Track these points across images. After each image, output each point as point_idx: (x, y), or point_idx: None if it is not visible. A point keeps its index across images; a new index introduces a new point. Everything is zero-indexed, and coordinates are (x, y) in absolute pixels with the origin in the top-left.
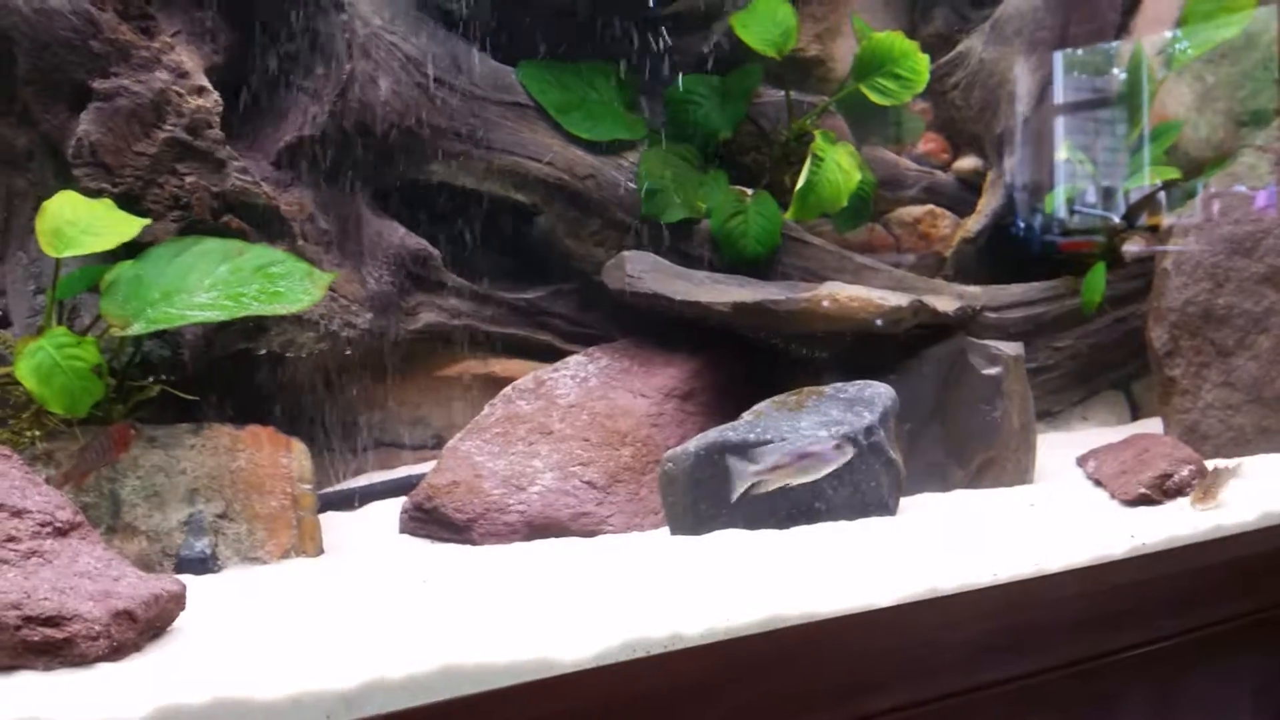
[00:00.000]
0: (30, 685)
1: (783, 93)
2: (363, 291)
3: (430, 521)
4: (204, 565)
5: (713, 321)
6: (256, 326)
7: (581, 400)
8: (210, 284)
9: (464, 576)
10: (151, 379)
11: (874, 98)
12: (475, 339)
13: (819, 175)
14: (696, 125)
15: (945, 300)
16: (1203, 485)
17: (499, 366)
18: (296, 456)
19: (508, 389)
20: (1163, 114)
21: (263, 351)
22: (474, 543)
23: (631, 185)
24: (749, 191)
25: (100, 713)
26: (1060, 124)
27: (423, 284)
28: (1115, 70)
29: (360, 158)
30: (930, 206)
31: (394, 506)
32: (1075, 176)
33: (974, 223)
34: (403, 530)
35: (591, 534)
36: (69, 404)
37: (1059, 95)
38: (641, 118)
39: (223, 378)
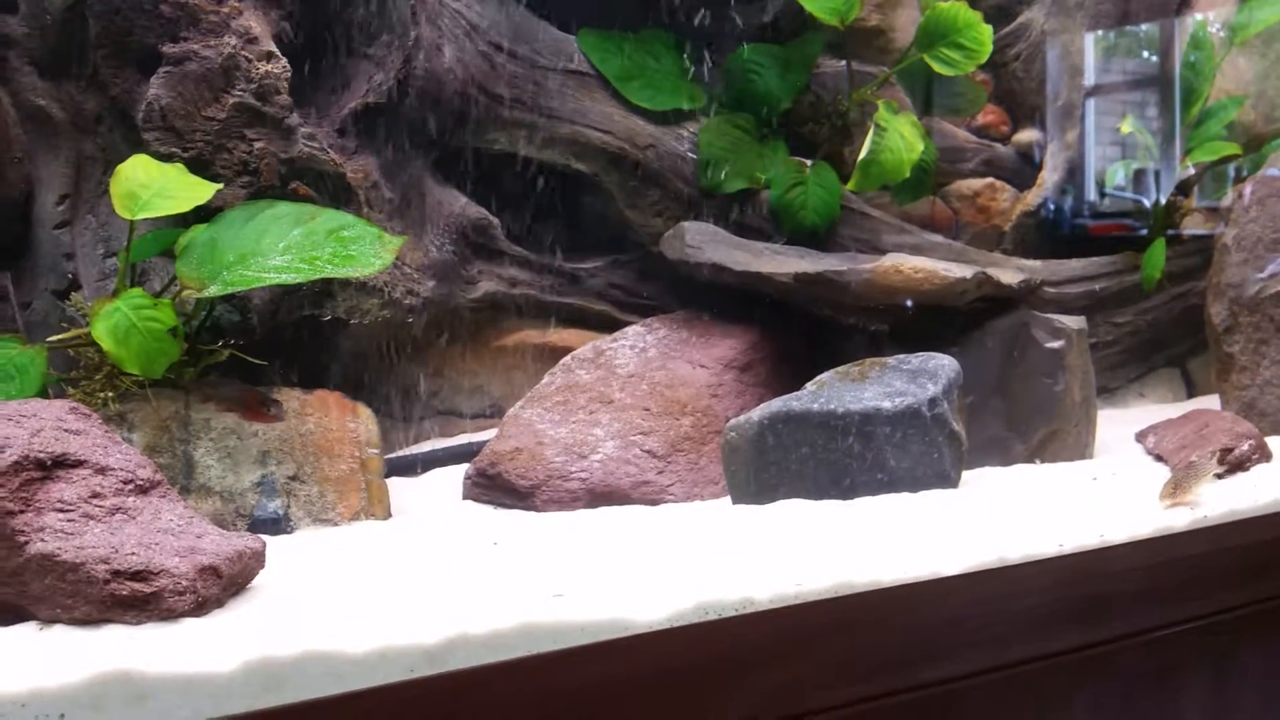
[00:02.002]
0: (120, 638)
1: (841, 62)
2: (424, 260)
3: (493, 487)
4: (277, 526)
5: (772, 293)
6: (323, 292)
7: (641, 370)
8: (284, 247)
9: (532, 540)
10: (220, 343)
11: (937, 68)
12: (533, 308)
13: (881, 146)
14: (756, 95)
15: (1008, 273)
16: (1173, 480)
17: (557, 336)
18: (363, 421)
19: (567, 358)
20: (1223, 90)
21: (327, 318)
22: (537, 509)
23: (691, 155)
24: (808, 162)
25: (191, 665)
26: (1119, 99)
27: (483, 253)
28: (1176, 45)
29: (423, 126)
30: (990, 180)
31: (455, 473)
32: (1135, 151)
33: (1033, 196)
34: (466, 496)
35: (653, 503)
36: (145, 365)
37: (1119, 70)
38: (701, 87)
39: (287, 343)
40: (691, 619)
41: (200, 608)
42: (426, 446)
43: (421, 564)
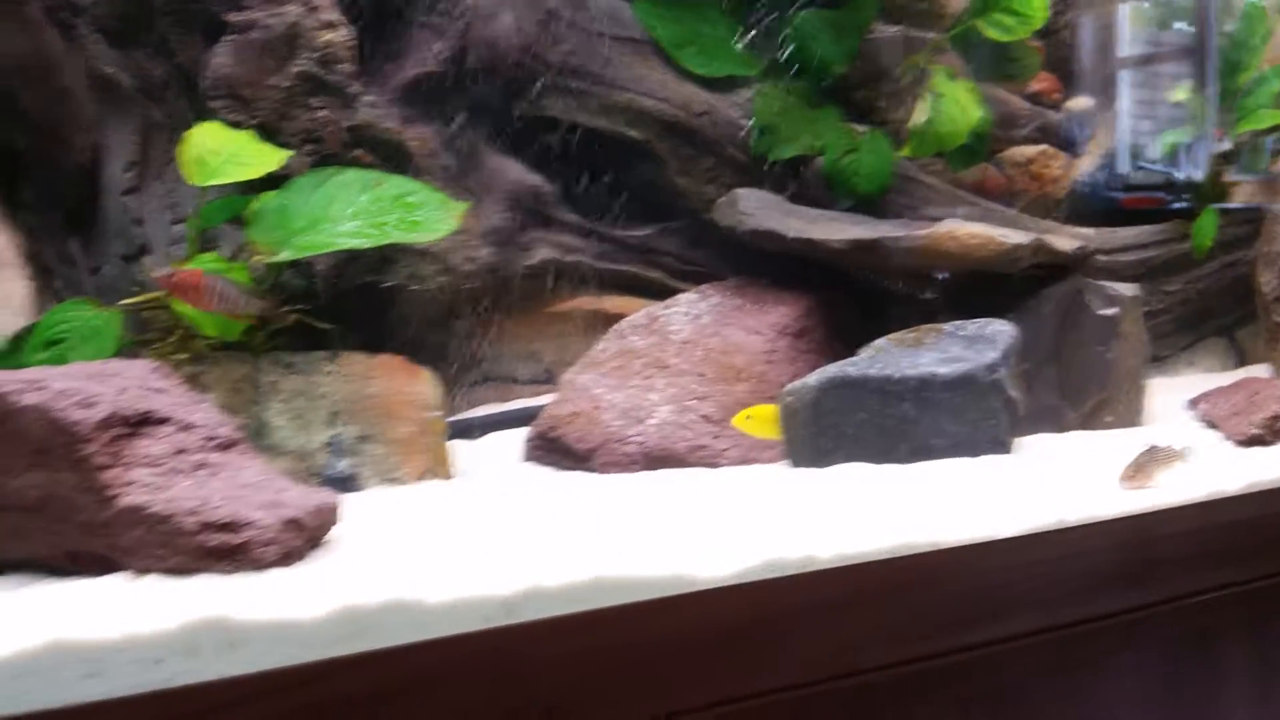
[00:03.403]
0: (211, 587)
1: (894, 28)
2: (480, 227)
3: (552, 450)
4: (347, 484)
5: (825, 259)
6: (384, 259)
7: (695, 336)
8: (353, 213)
9: (596, 500)
10: (287, 308)
11: (992, 33)
12: (587, 275)
13: (938, 112)
14: (810, 61)
15: (1063, 239)
16: (1136, 463)
17: (609, 303)
18: (426, 385)
19: (620, 324)
20: (1274, 58)
21: (387, 284)
22: (596, 471)
23: (744, 122)
24: (862, 128)
25: (280, 613)
26: (1171, 67)
27: (537, 220)
28: (1218, 14)
29: (481, 94)
30: (1043, 147)
31: (511, 437)
32: (1187, 120)
33: (1086, 164)
34: (526, 458)
35: (709, 466)
36: (222, 328)
37: (1172, 37)
38: (755, 54)
39: (348, 309)
40: (755, 576)
41: (285, 559)
42: (482, 411)
43: (489, 521)
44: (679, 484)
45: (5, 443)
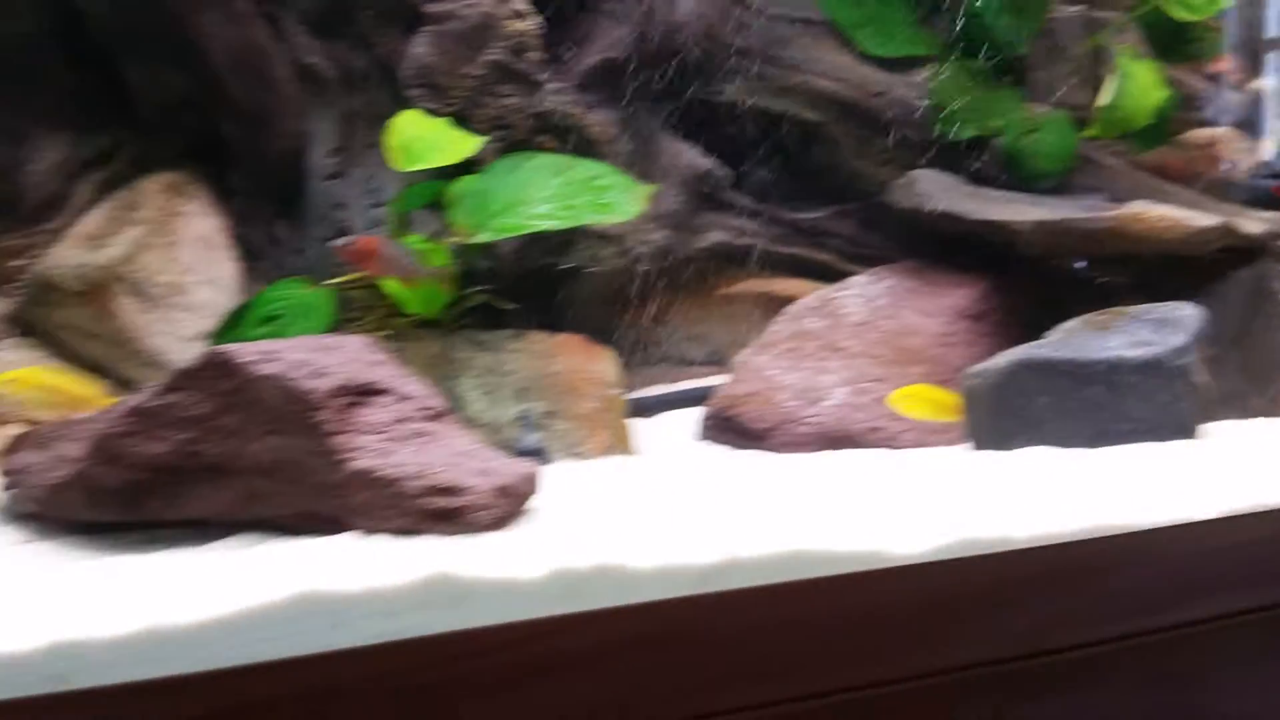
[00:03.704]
0: (433, 547)
1: (1075, 7)
2: (656, 210)
3: (728, 430)
4: (537, 457)
5: (1005, 242)
6: (564, 241)
7: (870, 318)
8: (546, 196)
9: (778, 477)
10: (475, 288)
11: (1177, 13)
12: (758, 258)
13: (1122, 92)
14: (989, 40)
15: (1252, 222)
16: None
17: (779, 285)
18: (606, 364)
19: (793, 306)
20: None
21: (565, 266)
22: (772, 451)
23: (921, 103)
24: (1042, 108)
25: (501, 572)
26: None
27: (711, 203)
28: None
29: (660, 78)
30: (1225, 128)
31: (685, 416)
32: None
33: (1269, 146)
34: (701, 437)
35: (886, 448)
36: (425, 306)
37: None
38: (933, 33)
39: (527, 290)
40: (950, 554)
41: (496, 523)
42: (654, 391)
43: (676, 495)
44: (861, 464)
45: (244, 410)
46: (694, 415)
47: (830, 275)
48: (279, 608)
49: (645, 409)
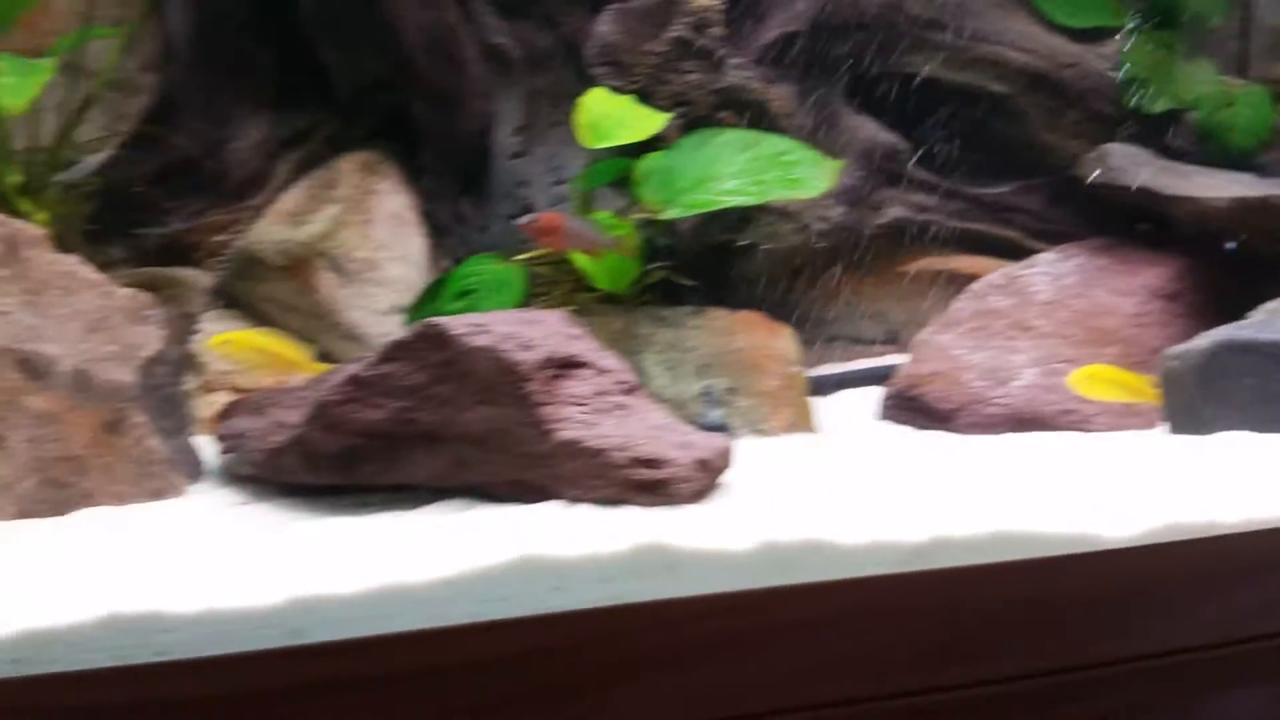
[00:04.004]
0: (638, 517)
1: None
2: (836, 185)
3: (911, 409)
4: (721, 433)
5: (1201, 219)
6: (743, 218)
7: (1059, 297)
8: (734, 172)
9: (970, 458)
10: (654, 264)
11: None
12: (938, 234)
13: None
14: (1183, 11)
15: None
16: None
17: (960, 262)
18: (786, 341)
19: (977, 284)
20: None
21: (743, 243)
22: (957, 432)
23: (1113, 75)
24: (1239, 81)
25: (709, 543)
26: None
27: (891, 179)
28: None
29: (840, 52)
30: None
31: (863, 395)
32: None
33: None
34: (883, 416)
35: (1078, 431)
36: (612, 281)
37: None
38: (1125, 3)
39: (703, 266)
40: (1159, 538)
41: (697, 495)
42: (828, 369)
43: (867, 472)
44: (1055, 446)
45: (456, 380)
46: (872, 394)
47: (1014, 252)
48: (501, 570)
49: (822, 387)
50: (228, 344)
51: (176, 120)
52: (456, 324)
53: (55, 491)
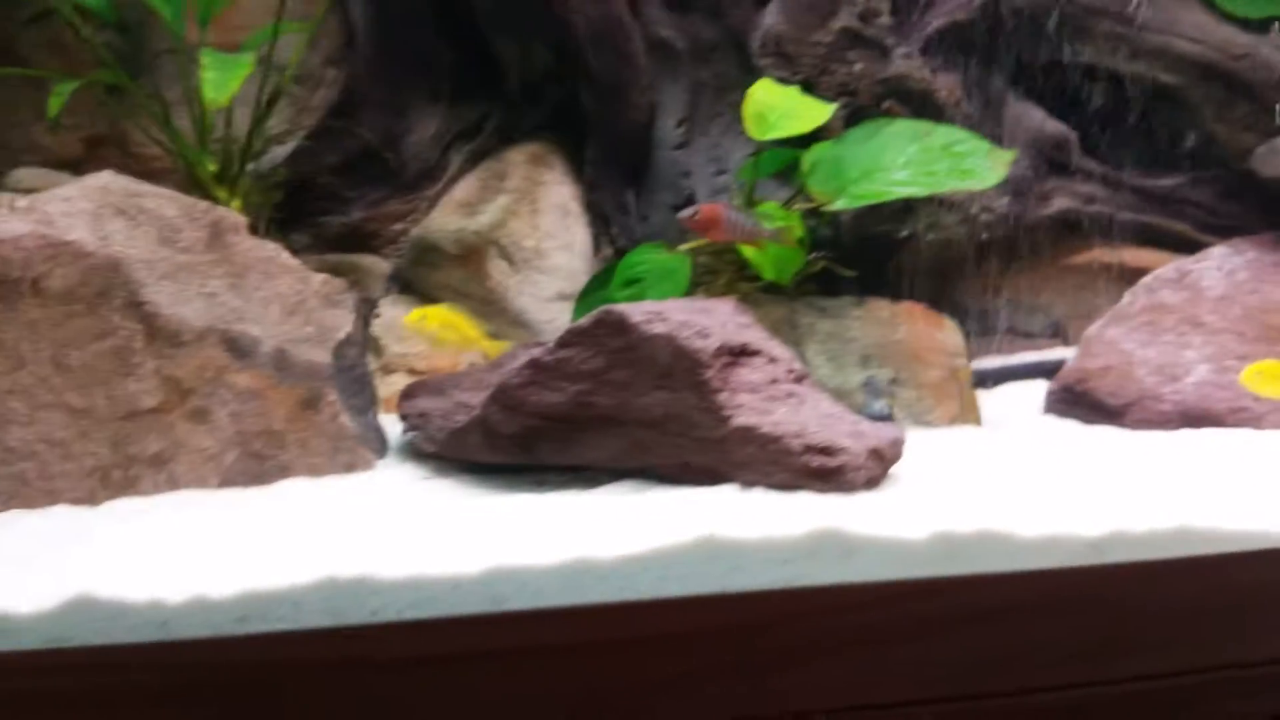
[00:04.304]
0: (813, 503)
1: None
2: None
3: (1078, 404)
4: (884, 424)
5: None
6: (905, 208)
7: (1231, 293)
8: (904, 162)
9: (1144, 454)
10: (816, 255)
11: None
12: (1106, 227)
13: None
14: None
15: None
16: None
17: (1129, 256)
18: (949, 332)
19: (1147, 278)
20: None
21: (903, 234)
22: (1126, 427)
23: None
24: None
25: (884, 531)
26: None
27: (1058, 169)
28: None
29: (1007, 41)
30: None
31: (1025, 388)
32: None
33: None
34: (1048, 410)
35: (1250, 429)
36: (778, 272)
37: None
38: None
39: (862, 257)
40: None
41: (869, 484)
42: (989, 362)
43: (1037, 467)
44: (1226, 443)
45: (635, 366)
46: (1035, 388)
47: (1184, 246)
48: (684, 549)
49: (984, 380)
50: (424, 319)
51: (358, 113)
52: (635, 311)
53: (256, 464)
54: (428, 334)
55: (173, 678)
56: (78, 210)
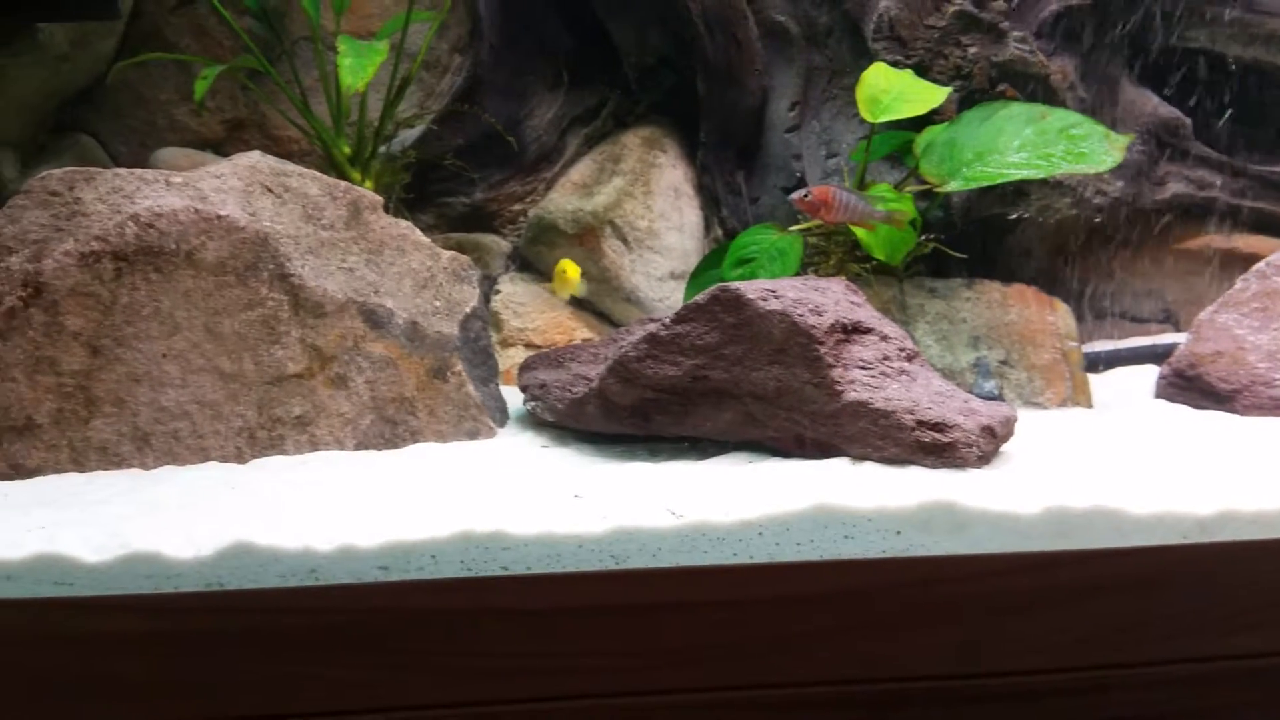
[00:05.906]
0: (925, 478)
1: None
2: None
3: (1189, 388)
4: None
5: None
6: (1017, 191)
7: None
8: (1019, 145)
9: (1254, 439)
10: (926, 237)
11: None
12: (1220, 212)
13: None
14: None
15: None
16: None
17: (1243, 241)
18: (1061, 315)
19: (1261, 264)
20: None
21: (1014, 216)
22: (1238, 413)
23: None
24: None
25: (996, 505)
26: None
27: (1172, 154)
28: None
29: (1122, 25)
30: None
31: (1136, 373)
32: None
33: None
34: (1158, 395)
35: None
36: (889, 253)
37: None
38: None
39: (972, 239)
40: None
41: (981, 460)
42: (1099, 346)
43: (1149, 448)
44: None
45: (750, 341)
46: (1146, 372)
47: None
48: (799, 517)
49: (1095, 363)
50: (566, 269)
51: (482, 98)
52: (750, 289)
53: (388, 428)
54: (568, 282)
55: (319, 620)
56: (229, 187)
